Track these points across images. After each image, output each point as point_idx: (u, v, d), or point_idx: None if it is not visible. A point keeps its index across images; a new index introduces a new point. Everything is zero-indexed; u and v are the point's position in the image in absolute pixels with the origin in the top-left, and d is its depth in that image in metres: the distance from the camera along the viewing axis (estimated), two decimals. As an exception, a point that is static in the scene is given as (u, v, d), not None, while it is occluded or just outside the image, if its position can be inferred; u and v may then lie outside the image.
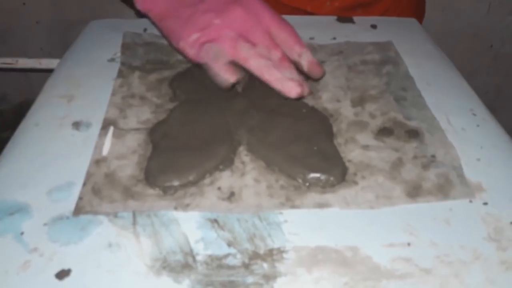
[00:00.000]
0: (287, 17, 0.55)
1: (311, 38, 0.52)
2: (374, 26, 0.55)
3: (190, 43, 0.38)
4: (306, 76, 0.41)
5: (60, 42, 1.07)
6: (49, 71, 0.50)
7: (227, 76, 0.38)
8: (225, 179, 0.34)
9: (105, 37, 0.51)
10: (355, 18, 0.56)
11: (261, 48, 0.37)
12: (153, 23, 0.44)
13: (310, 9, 0.60)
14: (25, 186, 0.33)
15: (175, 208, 0.32)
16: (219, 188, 0.33)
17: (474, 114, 0.41)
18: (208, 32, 0.38)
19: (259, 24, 0.38)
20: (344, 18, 0.56)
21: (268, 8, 0.39)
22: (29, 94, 0.95)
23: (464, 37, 1.13)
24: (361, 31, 0.54)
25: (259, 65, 0.37)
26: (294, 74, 0.38)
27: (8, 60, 0.72)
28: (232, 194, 0.33)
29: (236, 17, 0.38)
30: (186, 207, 0.32)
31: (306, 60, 0.38)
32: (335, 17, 0.56)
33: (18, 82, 1.13)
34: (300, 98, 0.38)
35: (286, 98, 0.38)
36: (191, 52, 0.39)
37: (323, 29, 0.54)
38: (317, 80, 0.42)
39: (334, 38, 0.52)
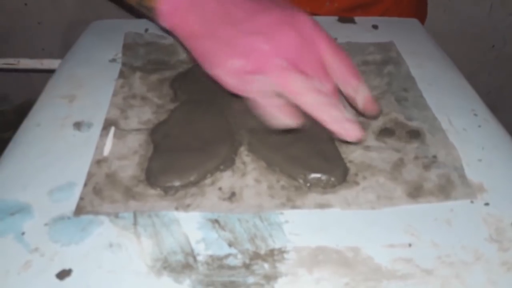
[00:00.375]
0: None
1: (312, 39, 0.52)
2: (375, 27, 0.55)
3: (229, 71, 0.32)
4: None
5: (62, 43, 1.07)
6: (51, 71, 0.50)
7: (286, 119, 0.32)
8: (226, 179, 0.34)
9: (106, 37, 0.51)
10: (356, 19, 0.56)
11: (316, 81, 0.31)
12: (180, 41, 0.37)
13: (309, 10, 0.60)
14: (26, 186, 0.33)
15: (176, 209, 0.32)
16: (220, 189, 0.33)
17: (476, 115, 0.41)
18: (254, 59, 0.31)
19: (313, 52, 0.32)
20: (345, 18, 0.56)
21: (324, 32, 0.33)
22: (30, 94, 0.95)
23: (466, 37, 1.12)
24: (362, 31, 0.54)
25: (315, 102, 0.31)
26: (349, 113, 0.32)
27: (10, 60, 0.72)
28: (233, 194, 0.33)
29: (288, 42, 0.31)
30: (187, 207, 0.32)
31: (362, 96, 0.33)
32: (336, 18, 0.56)
33: (20, 82, 1.13)
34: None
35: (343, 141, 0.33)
36: (230, 82, 0.33)
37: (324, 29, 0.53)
38: (370, 119, 0.36)
39: (336, 39, 0.52)
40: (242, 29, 0.32)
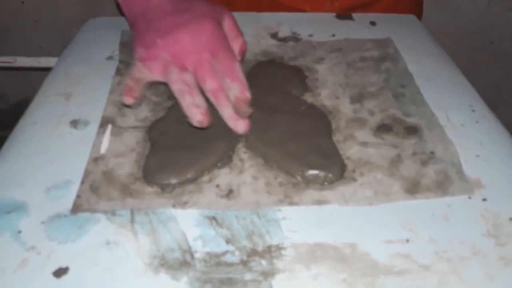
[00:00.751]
0: (285, 15, 0.56)
1: (310, 35, 0.52)
2: (373, 23, 0.55)
3: (135, 58, 0.39)
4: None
5: (59, 41, 1.07)
6: (48, 69, 0.50)
7: (123, 96, 0.37)
8: (224, 176, 0.34)
9: (103, 35, 0.51)
10: (354, 15, 0.56)
11: (189, 75, 0.37)
12: None
13: (310, 10, 0.60)
14: (23, 184, 0.33)
15: (173, 206, 0.32)
16: (217, 186, 0.33)
17: (473, 111, 0.41)
18: (150, 51, 0.38)
19: (199, 52, 0.37)
20: (343, 15, 0.56)
21: (217, 38, 0.38)
22: (28, 93, 0.95)
23: (464, 34, 1.12)
24: (360, 28, 0.54)
25: (178, 89, 0.36)
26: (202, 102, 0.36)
27: (7, 58, 0.72)
28: (230, 191, 0.33)
29: (177, 41, 0.37)
30: (184, 204, 0.32)
31: (232, 95, 0.36)
32: (334, 14, 0.56)
33: (17, 81, 1.13)
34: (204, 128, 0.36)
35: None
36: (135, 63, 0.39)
37: (322, 26, 0.53)
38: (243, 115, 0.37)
39: (333, 35, 0.52)
40: (150, 26, 0.39)
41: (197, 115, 0.35)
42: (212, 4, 0.41)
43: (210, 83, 0.36)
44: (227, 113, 0.36)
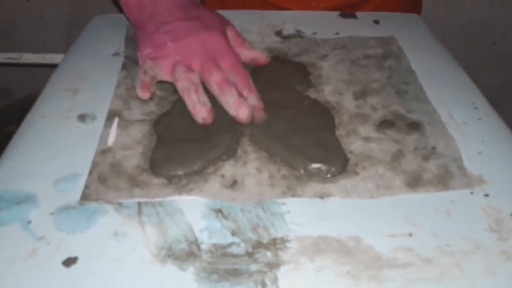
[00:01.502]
0: (289, 13, 0.56)
1: (314, 33, 0.52)
2: (376, 22, 0.55)
3: (142, 56, 0.41)
4: None
5: (64, 38, 1.07)
6: (53, 66, 0.51)
7: (139, 91, 0.38)
8: (228, 168, 0.34)
9: (109, 32, 0.51)
10: (358, 14, 0.56)
11: (195, 75, 0.39)
12: None
13: (295, 9, 0.59)
14: (32, 176, 0.34)
15: (180, 194, 0.32)
16: (222, 176, 0.34)
17: (476, 108, 0.41)
18: (159, 50, 0.40)
19: (207, 55, 0.39)
20: (347, 13, 0.56)
21: (229, 51, 0.40)
22: (33, 89, 0.95)
23: (466, 34, 1.12)
24: (363, 26, 0.54)
25: (183, 88, 0.38)
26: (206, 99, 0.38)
27: (13, 55, 0.72)
28: (235, 182, 0.33)
29: (188, 45, 0.40)
30: (190, 191, 0.32)
31: (250, 104, 0.38)
32: (337, 13, 0.56)
33: (22, 77, 1.13)
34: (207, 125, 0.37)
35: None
36: (140, 64, 0.41)
37: (325, 24, 0.54)
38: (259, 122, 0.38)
39: (337, 33, 0.52)
40: (161, 28, 0.41)
41: (201, 112, 0.37)
42: (217, 14, 0.44)
43: (216, 75, 0.38)
44: (231, 100, 0.37)
